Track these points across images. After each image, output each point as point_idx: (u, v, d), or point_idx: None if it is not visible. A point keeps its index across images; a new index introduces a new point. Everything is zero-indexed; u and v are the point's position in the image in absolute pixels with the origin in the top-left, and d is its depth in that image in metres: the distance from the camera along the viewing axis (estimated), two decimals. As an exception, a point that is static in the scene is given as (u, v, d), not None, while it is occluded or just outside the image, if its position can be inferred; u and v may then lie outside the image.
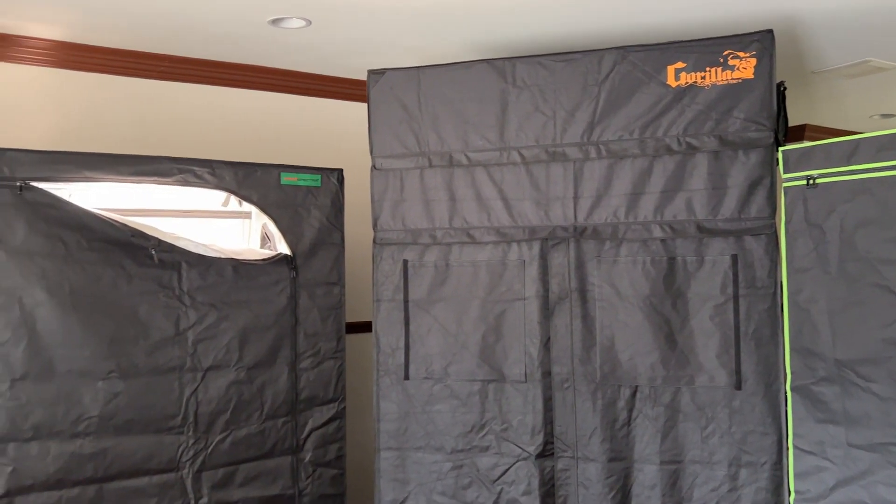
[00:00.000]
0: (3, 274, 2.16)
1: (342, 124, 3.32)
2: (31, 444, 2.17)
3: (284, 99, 3.30)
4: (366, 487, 3.10)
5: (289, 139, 3.27)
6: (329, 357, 2.67)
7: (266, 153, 2.91)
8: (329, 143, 3.26)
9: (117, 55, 2.99)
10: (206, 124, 3.15)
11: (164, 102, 3.08)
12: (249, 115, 3.23)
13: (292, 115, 3.32)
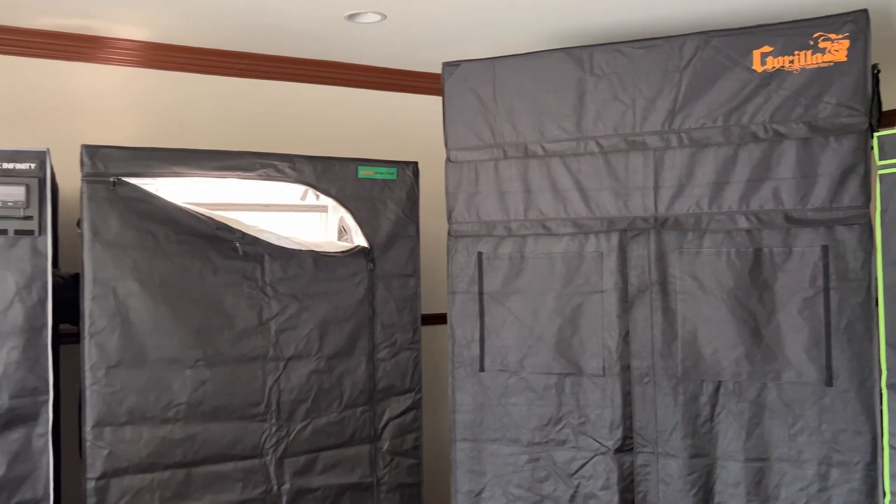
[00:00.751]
0: (99, 266, 2.26)
1: (417, 117, 3.35)
2: (125, 429, 2.28)
3: (360, 94, 3.34)
4: (442, 477, 3.13)
5: (365, 133, 3.31)
6: (405, 348, 2.70)
7: (343, 147, 2.95)
8: (404, 137, 3.29)
9: (200, 54, 3.09)
10: (286, 120, 3.22)
11: (245, 99, 3.17)
12: (326, 110, 3.29)
13: (368, 110, 3.36)
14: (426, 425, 2.81)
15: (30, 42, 2.83)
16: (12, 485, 2.16)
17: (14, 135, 2.73)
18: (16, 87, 2.82)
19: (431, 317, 3.02)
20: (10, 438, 2.16)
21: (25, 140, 2.52)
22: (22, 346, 2.17)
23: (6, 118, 2.78)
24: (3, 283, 2.16)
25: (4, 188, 2.16)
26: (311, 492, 2.52)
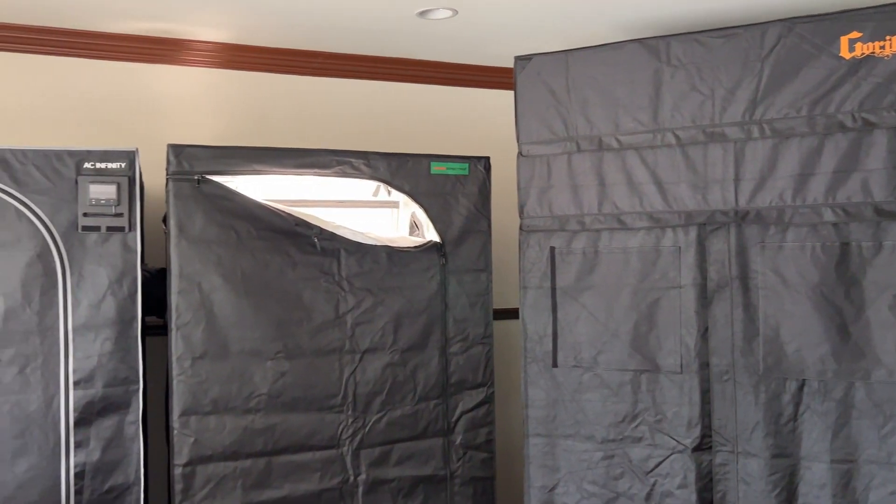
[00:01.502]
0: (185, 261, 2.35)
1: (488, 112, 3.35)
2: (209, 418, 2.36)
3: (431, 90, 3.36)
4: (514, 472, 3.13)
5: (437, 129, 3.33)
6: (477, 342, 2.71)
7: (415, 144, 2.98)
8: (475, 132, 3.29)
9: (276, 54, 3.16)
10: (359, 117, 3.27)
11: (320, 97, 3.23)
12: (399, 106, 3.32)
13: (439, 106, 3.38)
14: (498, 420, 2.81)
15: (116, 46, 2.95)
16: (106, 469, 2.27)
17: (100, 135, 2.85)
18: (103, 89, 2.95)
19: (503, 312, 3.02)
20: (104, 425, 2.27)
21: (112, 140, 2.64)
22: (114, 337, 2.28)
23: (95, 120, 2.91)
24: (96, 278, 2.27)
25: (96, 187, 2.26)
26: (386, 483, 2.57)
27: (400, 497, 2.58)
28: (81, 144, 2.31)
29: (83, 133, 2.86)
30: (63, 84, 2.90)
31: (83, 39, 2.89)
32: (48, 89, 2.87)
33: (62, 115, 2.88)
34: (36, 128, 2.83)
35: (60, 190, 2.24)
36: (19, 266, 2.19)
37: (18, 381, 2.18)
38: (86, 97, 2.92)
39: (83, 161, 2.26)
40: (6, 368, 2.17)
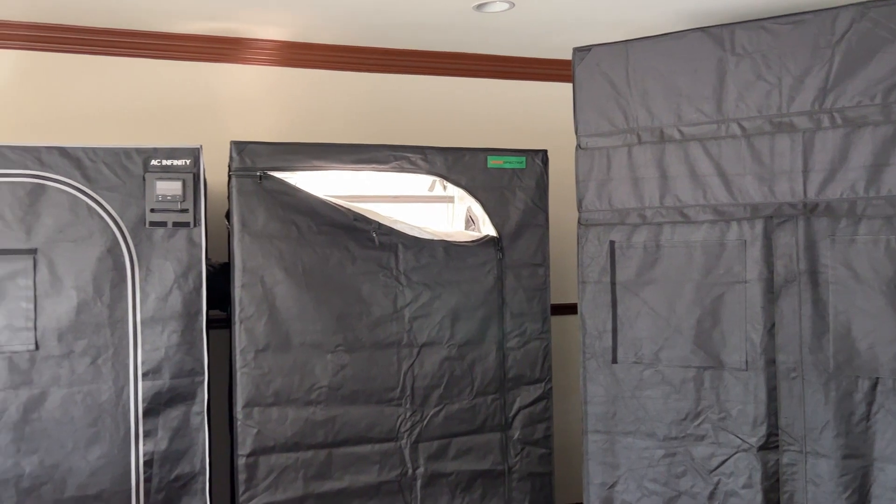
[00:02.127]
0: (248, 255, 2.40)
1: (545, 105, 3.32)
2: (272, 409, 2.41)
3: (489, 83, 3.35)
4: (573, 468, 3.10)
5: (494, 123, 3.32)
6: (535, 338, 2.69)
7: (472, 138, 2.97)
8: (532, 125, 3.27)
9: (334, 51, 3.20)
10: (416, 112, 3.28)
11: (377, 93, 3.26)
12: (456, 101, 3.32)
13: (497, 99, 3.37)
14: (555, 415, 2.79)
15: (180, 46, 3.03)
16: (173, 458, 2.34)
17: (164, 133, 2.93)
18: (168, 88, 3.02)
19: (561, 307, 3.00)
20: (171, 416, 2.33)
21: (175, 138, 2.70)
22: (180, 329, 2.34)
23: (160, 118, 2.99)
24: (163, 272, 2.33)
25: (163, 183, 2.33)
26: (444, 476, 2.57)
27: (458, 491, 2.59)
28: (146, 142, 2.37)
29: (148, 131, 2.94)
30: (130, 84, 2.98)
31: (149, 40, 2.97)
32: (116, 89, 2.97)
33: (129, 113, 2.97)
34: (105, 126, 2.93)
35: (129, 186, 2.31)
36: (91, 260, 2.27)
37: (91, 372, 2.27)
38: (151, 96, 3.00)
39: (150, 158, 2.32)
40: (79, 359, 2.26)
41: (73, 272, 2.25)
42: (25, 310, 2.21)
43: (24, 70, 2.87)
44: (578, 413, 2.62)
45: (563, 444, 3.10)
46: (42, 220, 2.24)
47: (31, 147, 2.25)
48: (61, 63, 2.91)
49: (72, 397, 2.25)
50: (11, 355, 2.20)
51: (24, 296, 2.21)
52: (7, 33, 2.84)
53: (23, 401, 2.21)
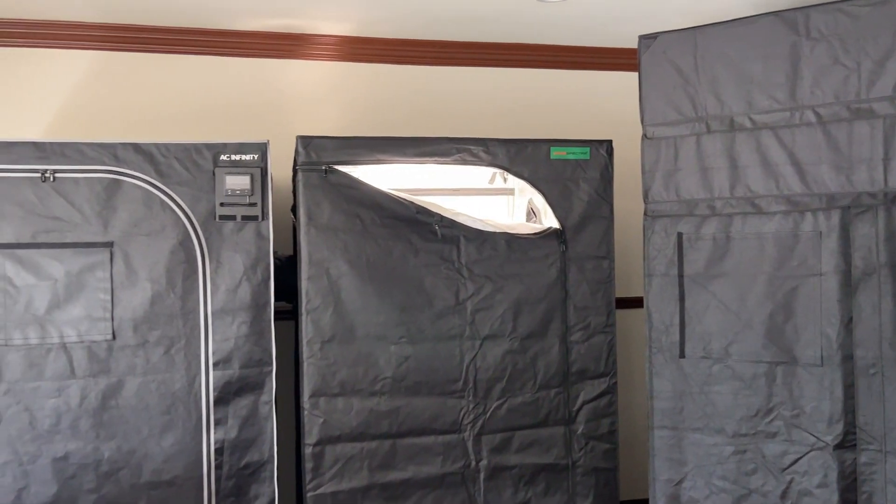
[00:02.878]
0: (314, 248, 2.43)
1: (609, 95, 3.27)
2: (337, 400, 2.44)
3: (549, 74, 3.32)
4: (637, 464, 3.06)
5: (556, 114, 3.28)
6: (599, 331, 2.66)
7: (535, 129, 2.95)
8: (596, 115, 3.22)
9: (394, 45, 3.21)
10: (477, 104, 3.27)
11: (437, 86, 3.26)
12: (517, 92, 3.30)
13: (558, 90, 3.33)
14: (619, 410, 2.75)
15: (245, 43, 3.09)
16: (243, 446, 2.39)
17: (225, 128, 2.99)
18: (233, 85, 3.09)
19: (625, 300, 2.95)
20: (241, 405, 2.39)
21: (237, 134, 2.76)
22: (249, 321, 2.39)
23: (226, 114, 3.05)
24: (232, 264, 2.39)
25: (232, 178, 2.38)
26: (507, 469, 2.57)
27: (521, 484, 2.58)
28: (213, 138, 2.43)
29: (214, 127, 3.01)
30: (198, 80, 3.06)
31: (216, 38, 3.04)
32: (185, 86, 3.05)
33: (197, 109, 3.05)
34: (175, 122, 3.01)
35: (199, 181, 2.37)
36: (164, 253, 2.34)
37: (164, 361, 2.34)
38: (217, 92, 3.07)
39: (220, 153, 2.38)
40: (154, 349, 2.33)
41: (147, 265, 2.33)
42: (103, 301, 2.30)
43: (99, 69, 2.98)
44: (643, 408, 2.58)
45: (627, 439, 3.06)
46: (118, 215, 2.32)
47: (107, 144, 2.33)
48: (133, 62, 3.00)
49: (147, 386, 2.33)
50: (90, 345, 2.29)
51: (101, 287, 2.30)
52: (82, 34, 2.95)
53: (101, 388, 2.30)
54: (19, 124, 2.88)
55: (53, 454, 2.27)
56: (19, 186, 2.27)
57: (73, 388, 2.28)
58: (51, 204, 2.28)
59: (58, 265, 2.28)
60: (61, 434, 2.27)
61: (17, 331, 2.25)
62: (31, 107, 2.91)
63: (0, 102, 2.89)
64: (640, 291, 2.58)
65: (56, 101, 2.93)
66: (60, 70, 2.94)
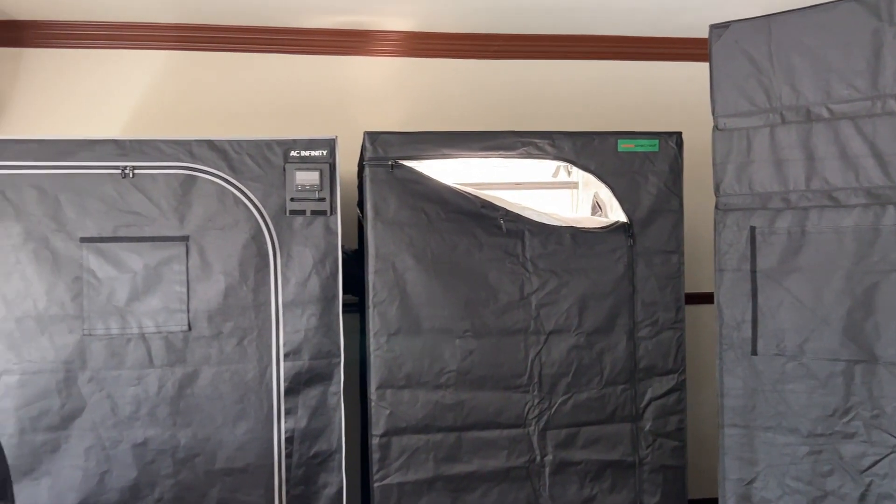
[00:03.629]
0: (381, 242, 2.46)
1: (677, 86, 3.20)
2: (403, 392, 2.47)
3: (615, 66, 3.27)
4: (706, 462, 3.00)
5: (623, 106, 3.24)
6: (668, 327, 2.61)
7: (601, 122, 2.91)
8: (664, 107, 3.17)
9: (456, 39, 3.22)
10: (541, 97, 3.25)
11: (500, 79, 3.25)
12: (583, 85, 3.27)
13: (625, 81, 3.28)
14: (688, 407, 2.70)
15: (311, 41, 3.15)
16: (312, 436, 2.45)
17: (293, 125, 3.06)
18: (299, 82, 3.15)
19: (695, 296, 2.89)
20: (310, 395, 2.44)
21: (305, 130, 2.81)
22: (318, 313, 2.44)
23: (292, 111, 3.12)
24: (302, 258, 2.44)
25: (302, 174, 2.43)
26: (572, 465, 2.55)
27: (587, 480, 2.56)
28: (279, 134, 2.48)
29: (280, 123, 3.08)
30: (265, 78, 3.13)
31: (282, 36, 3.11)
32: (253, 83, 3.12)
33: (265, 106, 3.12)
34: (244, 119, 3.09)
35: (270, 177, 2.42)
36: (237, 247, 2.41)
37: (237, 352, 2.41)
38: (284, 89, 3.14)
39: (290, 149, 2.43)
40: (227, 339, 2.40)
41: (221, 258, 2.40)
42: (179, 293, 2.38)
43: (173, 69, 3.07)
44: (711, 406, 2.52)
45: (694, 436, 3.00)
46: (193, 210, 2.39)
47: (183, 140, 2.40)
48: (205, 61, 3.09)
49: (220, 375, 2.40)
50: (168, 335, 2.38)
51: (177, 280, 2.38)
52: (156, 35, 3.05)
53: (178, 377, 2.38)
54: (98, 123, 3.01)
55: (133, 440, 2.36)
56: (101, 182, 2.36)
57: (151, 377, 2.37)
58: (130, 199, 2.37)
59: (137, 258, 2.37)
60: (140, 421, 2.37)
61: (100, 321, 2.35)
62: (109, 106, 3.03)
63: (80, 102, 3.01)
64: (709, 287, 2.52)
65: (132, 100, 3.05)
66: (136, 70, 3.05)
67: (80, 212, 2.35)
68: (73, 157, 2.35)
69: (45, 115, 2.98)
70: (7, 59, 2.97)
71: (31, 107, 2.98)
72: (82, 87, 3.01)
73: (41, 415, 2.32)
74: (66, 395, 2.34)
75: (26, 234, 2.33)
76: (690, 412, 2.76)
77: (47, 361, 2.33)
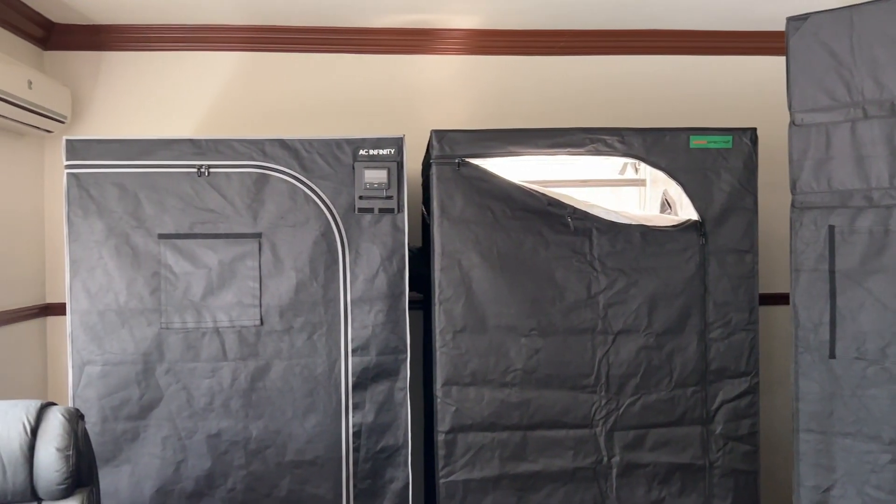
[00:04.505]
0: (447, 240, 2.47)
1: (750, 81, 3.11)
2: (469, 389, 2.48)
3: (686, 60, 3.20)
4: (779, 467, 2.92)
5: (694, 102, 3.17)
6: (741, 329, 2.54)
7: (671, 118, 2.85)
8: (738, 102, 3.08)
9: (522, 36, 3.20)
10: (608, 93, 3.21)
11: (566, 76, 3.22)
12: (652, 80, 3.21)
13: (696, 77, 3.21)
14: (761, 410, 2.63)
15: (377, 40, 3.17)
16: (379, 430, 2.48)
17: (359, 123, 3.09)
18: (366, 81, 3.18)
19: (768, 296, 2.81)
20: (378, 390, 2.47)
21: (371, 128, 2.84)
22: (386, 309, 2.47)
23: (357, 109, 3.15)
24: (370, 255, 2.47)
25: (370, 172, 2.46)
26: (640, 467, 2.52)
27: (655, 483, 2.52)
28: (346, 133, 2.51)
29: (347, 122, 3.12)
30: (333, 77, 3.17)
31: (349, 36, 3.15)
32: (322, 83, 3.17)
33: (333, 105, 3.16)
34: (311, 118, 3.14)
35: (340, 175, 2.46)
36: (308, 244, 2.45)
37: (307, 347, 2.46)
38: (352, 88, 3.17)
39: (359, 148, 2.46)
40: (298, 334, 2.45)
41: (292, 255, 2.45)
42: (252, 288, 2.44)
43: (244, 69, 3.15)
44: (784, 410, 2.45)
45: (767, 441, 2.92)
46: (266, 207, 2.45)
47: (256, 140, 2.46)
48: (275, 61, 3.15)
49: (291, 369, 2.45)
50: (241, 329, 2.44)
51: (251, 276, 2.44)
52: (228, 36, 3.12)
53: (251, 371, 2.45)
54: (173, 123, 3.10)
55: (208, 431, 2.44)
56: (178, 181, 2.44)
57: (225, 370, 2.44)
58: (206, 197, 2.44)
59: (212, 254, 2.44)
60: (215, 412, 2.44)
61: (177, 315, 2.43)
62: (182, 106, 3.12)
63: (156, 102, 3.11)
64: (784, 287, 2.45)
65: (205, 100, 3.13)
66: (209, 71, 3.13)
67: (158, 209, 2.43)
68: (152, 157, 2.43)
69: (124, 116, 3.10)
70: (89, 62, 3.09)
71: (110, 108, 3.10)
72: (158, 88, 3.12)
73: (122, 404, 2.42)
74: (144, 386, 2.43)
75: (108, 231, 2.42)
76: (763, 416, 2.68)
77: (127, 353, 2.42)
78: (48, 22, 2.98)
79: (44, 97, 2.78)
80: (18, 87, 2.60)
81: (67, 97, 3.00)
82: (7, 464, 1.81)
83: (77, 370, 2.41)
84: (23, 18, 2.84)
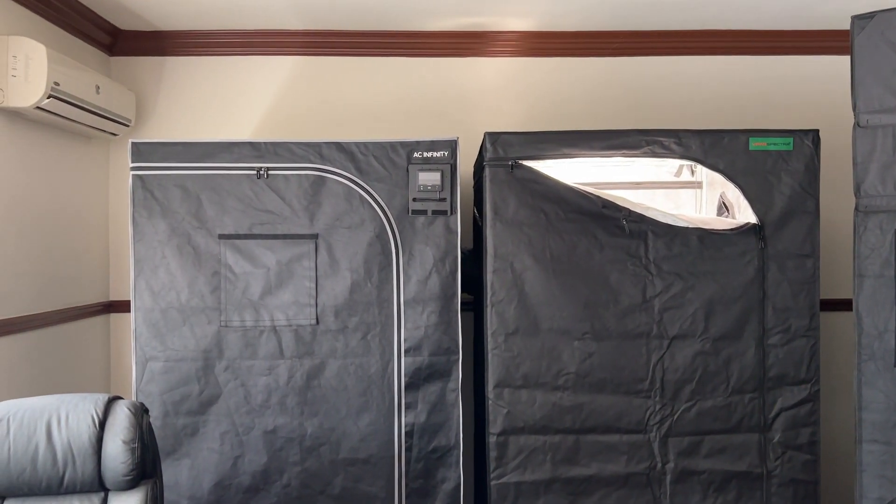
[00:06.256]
0: (500, 242, 2.48)
1: (812, 81, 3.04)
2: (521, 392, 2.48)
3: (745, 61, 3.14)
4: (841, 478, 2.84)
5: (754, 103, 3.11)
6: (801, 335, 2.48)
7: (730, 119, 2.80)
8: (799, 103, 3.01)
9: (575, 38, 3.18)
10: (665, 95, 3.17)
11: (621, 77, 3.19)
12: (712, 81, 3.16)
13: (756, 77, 3.15)
14: (822, 420, 2.56)
15: (430, 43, 3.20)
16: (431, 430, 2.50)
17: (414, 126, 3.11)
18: (419, 83, 3.21)
19: (830, 302, 2.74)
20: (430, 390, 2.49)
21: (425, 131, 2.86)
22: (438, 311, 2.49)
23: (411, 112, 3.18)
24: (424, 257, 2.49)
25: (424, 174, 2.48)
26: (695, 474, 2.48)
27: (710, 490, 2.48)
28: (400, 136, 2.53)
29: (402, 125, 3.15)
30: (388, 80, 3.21)
31: (403, 39, 3.18)
32: (376, 86, 3.21)
33: (388, 108, 3.20)
34: (364, 121, 3.18)
35: (394, 177, 2.49)
36: (363, 245, 2.49)
37: (362, 346, 2.49)
38: (406, 91, 3.20)
39: (413, 151, 2.49)
40: (352, 334, 2.49)
41: (347, 255, 2.49)
42: (308, 288, 2.49)
43: (300, 73, 3.21)
44: (845, 418, 2.38)
45: (830, 450, 2.84)
46: (322, 209, 2.49)
47: (313, 143, 2.51)
48: (330, 65, 3.20)
49: (346, 368, 2.49)
50: (297, 328, 2.49)
51: (307, 276, 2.49)
52: (285, 41, 3.19)
53: (306, 369, 2.49)
54: (233, 125, 3.18)
55: (264, 427, 2.49)
56: (238, 182, 2.50)
57: (281, 368, 2.49)
58: (265, 199, 2.50)
59: (270, 255, 2.49)
60: (271, 409, 2.49)
61: (236, 313, 2.49)
62: (242, 109, 3.20)
63: (217, 105, 3.20)
64: (846, 293, 2.39)
65: (262, 104, 3.20)
66: (266, 75, 3.20)
67: (218, 210, 2.50)
68: (213, 159, 2.50)
69: (186, 119, 3.19)
70: (151, 67, 3.20)
71: (173, 111, 3.20)
72: (218, 91, 3.20)
73: (182, 400, 2.49)
74: (204, 383, 2.49)
75: (171, 231, 2.50)
76: (823, 425, 2.62)
77: (188, 350, 2.49)
78: (115, 29, 3.09)
79: (110, 101, 2.88)
80: (88, 92, 2.70)
81: (132, 101, 3.10)
82: (76, 455, 1.89)
83: (140, 366, 2.50)
84: (92, 26, 2.95)
